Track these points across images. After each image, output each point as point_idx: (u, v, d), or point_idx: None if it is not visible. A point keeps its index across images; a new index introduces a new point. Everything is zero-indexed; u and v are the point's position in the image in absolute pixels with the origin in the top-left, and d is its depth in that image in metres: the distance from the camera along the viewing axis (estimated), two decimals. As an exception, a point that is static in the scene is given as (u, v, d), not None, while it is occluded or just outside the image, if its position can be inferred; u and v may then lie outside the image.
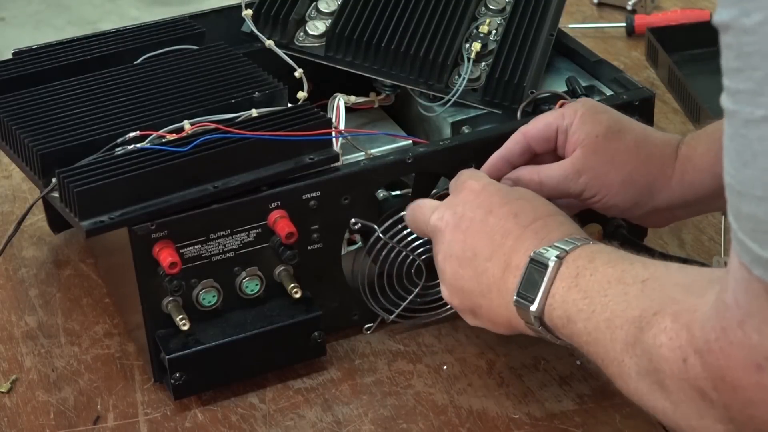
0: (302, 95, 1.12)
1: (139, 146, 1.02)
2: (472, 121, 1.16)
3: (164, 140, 1.03)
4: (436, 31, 1.17)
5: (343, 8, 1.19)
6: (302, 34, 1.19)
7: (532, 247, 0.90)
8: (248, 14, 1.18)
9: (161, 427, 1.02)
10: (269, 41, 1.17)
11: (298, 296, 1.04)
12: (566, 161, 1.02)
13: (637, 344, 0.78)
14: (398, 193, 1.09)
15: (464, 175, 1.01)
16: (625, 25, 1.60)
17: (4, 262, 1.22)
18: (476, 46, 1.17)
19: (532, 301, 0.88)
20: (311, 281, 1.06)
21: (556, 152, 1.04)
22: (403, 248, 1.07)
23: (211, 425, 1.02)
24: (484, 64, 1.18)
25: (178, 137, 1.03)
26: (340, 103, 1.13)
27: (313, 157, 1.03)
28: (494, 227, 0.94)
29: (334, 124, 1.10)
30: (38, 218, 1.27)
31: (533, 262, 0.89)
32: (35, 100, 1.10)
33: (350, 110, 1.16)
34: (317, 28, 1.19)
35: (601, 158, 1.01)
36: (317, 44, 1.18)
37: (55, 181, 1.00)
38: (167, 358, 1.01)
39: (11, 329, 1.14)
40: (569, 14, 1.63)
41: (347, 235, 1.07)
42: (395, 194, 1.09)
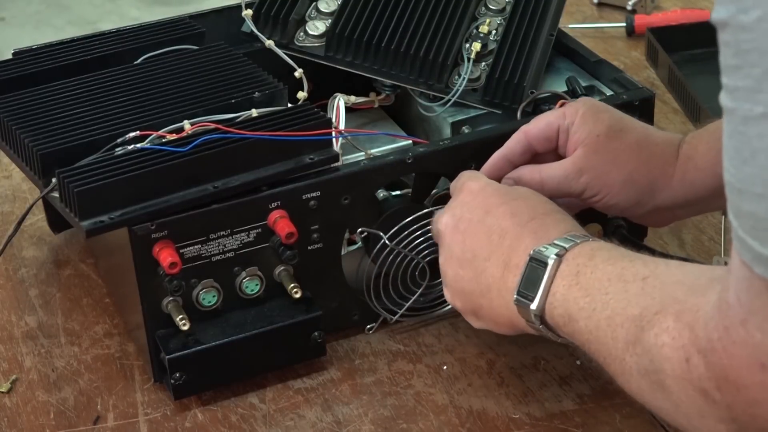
0: (302, 95, 1.12)
1: (139, 146, 1.02)
2: (472, 121, 1.16)
3: (164, 140, 1.03)
4: (436, 31, 1.17)
5: (343, 8, 1.19)
6: (302, 34, 1.19)
7: (530, 245, 0.90)
8: (248, 14, 1.18)
9: (161, 427, 1.02)
10: (269, 41, 1.17)
11: (298, 296, 1.04)
12: (567, 160, 1.02)
13: (637, 343, 0.78)
14: (398, 193, 1.09)
15: (463, 176, 1.01)
16: (625, 25, 1.60)
17: (4, 262, 1.22)
18: (476, 46, 1.17)
19: (532, 299, 0.88)
20: (311, 281, 1.06)
21: (557, 152, 1.04)
22: (408, 252, 1.07)
23: (211, 425, 1.02)
24: (484, 64, 1.18)
25: (178, 137, 1.03)
26: (340, 103, 1.13)
27: (313, 157, 1.03)
28: (492, 227, 0.94)
29: (334, 124, 1.10)
30: (38, 218, 1.27)
31: (533, 260, 0.88)
32: (35, 100, 1.10)
33: (350, 110, 1.16)
34: (317, 28, 1.19)
35: (602, 157, 1.01)
36: (317, 44, 1.18)
37: (55, 181, 1.00)
38: (167, 358, 1.01)
39: (11, 329, 1.14)
40: (569, 14, 1.63)
41: (347, 235, 1.07)
42: (395, 194, 1.09)
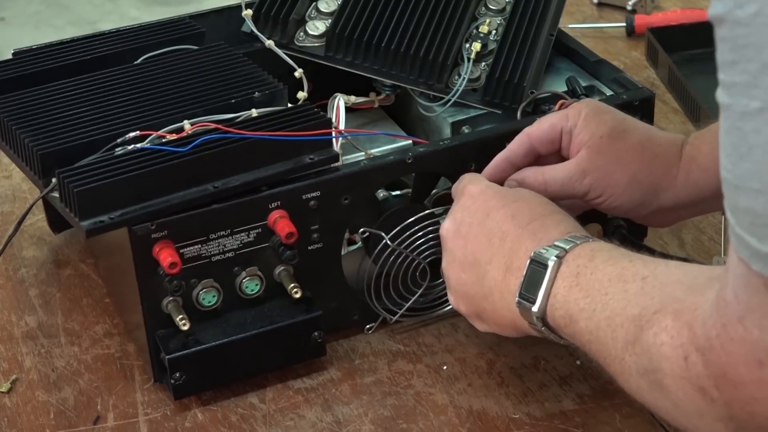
0: (302, 95, 1.12)
1: (139, 146, 1.02)
2: (472, 121, 1.16)
3: (164, 140, 1.03)
4: (436, 31, 1.17)
5: (343, 8, 1.19)
6: (302, 34, 1.19)
7: (531, 247, 0.90)
8: (248, 14, 1.18)
9: (161, 427, 1.02)
10: (269, 41, 1.17)
11: (298, 296, 1.04)
12: (571, 162, 1.02)
13: (636, 343, 0.78)
14: (398, 193, 1.09)
15: (464, 180, 1.01)
16: (625, 25, 1.60)
17: (4, 262, 1.22)
18: (476, 46, 1.17)
19: (533, 301, 0.88)
20: (311, 281, 1.06)
21: (560, 153, 1.04)
22: (409, 252, 1.07)
23: (211, 425, 1.02)
24: (484, 64, 1.18)
25: (178, 137, 1.03)
26: (340, 103, 1.13)
27: (313, 157, 1.03)
28: (492, 230, 0.94)
29: (334, 124, 1.10)
30: (38, 218, 1.27)
31: (533, 262, 0.88)
32: (35, 100, 1.10)
33: (350, 110, 1.16)
34: (317, 28, 1.19)
35: (605, 159, 1.01)
36: (317, 44, 1.18)
37: (55, 181, 1.00)
38: (167, 358, 1.01)
39: (11, 329, 1.14)
40: (569, 14, 1.63)
41: (347, 235, 1.07)
42: (395, 194, 1.09)
